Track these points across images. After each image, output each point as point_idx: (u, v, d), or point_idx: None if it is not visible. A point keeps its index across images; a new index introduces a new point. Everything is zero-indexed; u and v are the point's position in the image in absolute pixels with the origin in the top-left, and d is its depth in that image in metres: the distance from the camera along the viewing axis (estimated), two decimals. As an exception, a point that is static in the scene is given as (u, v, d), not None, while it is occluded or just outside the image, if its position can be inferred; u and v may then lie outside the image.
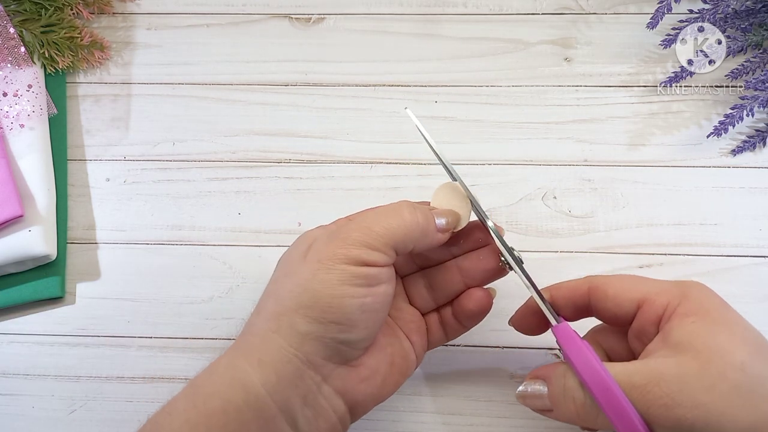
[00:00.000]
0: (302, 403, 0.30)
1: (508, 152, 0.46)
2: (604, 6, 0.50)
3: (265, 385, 0.29)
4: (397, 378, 0.34)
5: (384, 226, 0.31)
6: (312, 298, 0.30)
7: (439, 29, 0.50)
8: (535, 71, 0.48)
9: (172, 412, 0.29)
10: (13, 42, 0.46)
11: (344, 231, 0.31)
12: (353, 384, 0.31)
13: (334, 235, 0.31)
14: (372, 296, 0.30)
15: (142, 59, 0.50)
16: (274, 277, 0.33)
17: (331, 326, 0.30)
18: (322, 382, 0.30)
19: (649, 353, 0.30)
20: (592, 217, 0.44)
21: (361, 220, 0.32)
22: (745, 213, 0.44)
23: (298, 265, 0.31)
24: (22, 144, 0.45)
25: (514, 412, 0.40)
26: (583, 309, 0.33)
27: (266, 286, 0.33)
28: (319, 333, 0.30)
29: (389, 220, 0.31)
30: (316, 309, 0.29)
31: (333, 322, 0.30)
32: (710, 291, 0.31)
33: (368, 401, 0.32)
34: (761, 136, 0.45)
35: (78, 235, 0.45)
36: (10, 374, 0.42)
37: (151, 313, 0.43)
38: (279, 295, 0.31)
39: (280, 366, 0.29)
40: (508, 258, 0.33)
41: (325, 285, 0.30)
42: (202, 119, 0.48)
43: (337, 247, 0.30)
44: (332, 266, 0.30)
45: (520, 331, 0.36)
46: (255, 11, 0.51)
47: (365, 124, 0.48)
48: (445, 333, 0.37)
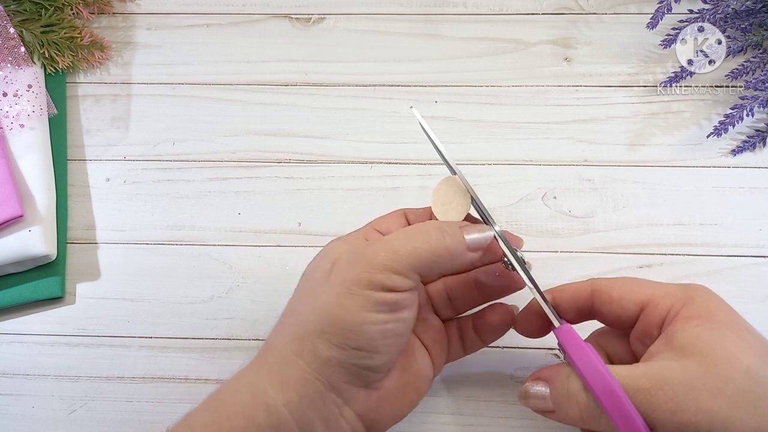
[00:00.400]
0: (324, 425, 0.30)
1: (508, 152, 0.46)
2: (604, 6, 0.50)
3: (287, 406, 0.29)
4: (415, 398, 0.34)
5: (409, 250, 0.30)
6: (334, 324, 0.29)
7: (439, 29, 0.50)
8: (535, 71, 0.48)
9: (194, 426, 0.29)
10: (13, 42, 0.46)
11: (369, 252, 0.30)
12: (373, 406, 0.31)
13: (358, 256, 0.30)
14: (394, 322, 0.30)
15: (142, 59, 0.50)
16: (298, 292, 0.32)
17: (353, 352, 0.29)
18: (343, 405, 0.30)
19: (652, 356, 0.30)
20: (592, 217, 0.44)
21: (387, 240, 0.31)
22: (745, 213, 0.44)
23: (321, 285, 0.31)
24: (22, 144, 0.45)
25: (514, 412, 0.40)
26: (585, 312, 0.33)
27: (290, 300, 0.33)
28: (341, 358, 0.29)
29: (415, 242, 0.30)
30: (338, 335, 0.29)
31: (355, 348, 0.29)
32: (714, 294, 0.31)
33: (387, 421, 0.32)
34: (761, 136, 0.45)
35: (78, 235, 0.45)
36: (10, 374, 0.42)
37: (151, 313, 0.43)
38: (301, 316, 0.30)
39: (302, 388, 0.29)
40: (511, 258, 0.33)
41: (348, 311, 0.29)
42: (202, 119, 0.48)
43: (361, 270, 0.29)
44: (355, 291, 0.29)
45: (522, 333, 0.36)
46: (255, 11, 0.51)
47: (365, 124, 0.48)
48: (463, 346, 0.36)
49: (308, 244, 0.44)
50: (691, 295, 0.30)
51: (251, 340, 0.42)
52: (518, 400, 0.33)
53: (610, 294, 0.32)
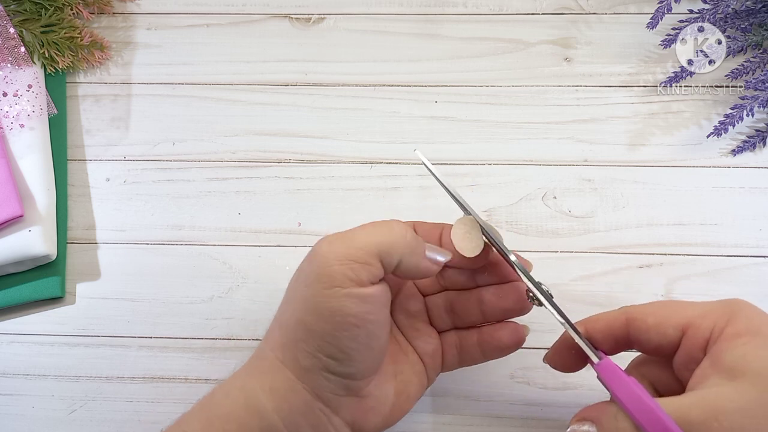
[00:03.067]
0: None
1: (508, 152, 0.46)
2: (604, 6, 0.50)
3: (278, 413, 0.29)
4: (405, 405, 0.33)
5: (363, 235, 0.30)
6: (305, 331, 0.29)
7: (439, 29, 0.50)
8: (535, 71, 0.48)
9: (187, 430, 0.29)
10: (13, 42, 0.46)
11: (324, 251, 0.29)
12: (361, 414, 0.31)
13: (314, 258, 0.30)
14: (365, 325, 0.29)
15: (142, 59, 0.50)
16: (284, 299, 0.32)
17: (328, 360, 0.29)
18: (331, 414, 0.30)
19: (699, 381, 0.28)
20: (592, 217, 0.44)
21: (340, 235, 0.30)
22: (745, 213, 0.44)
23: (297, 290, 0.30)
24: (22, 144, 0.45)
25: (514, 412, 0.40)
26: (622, 342, 0.31)
27: (280, 304, 0.32)
28: (318, 366, 0.29)
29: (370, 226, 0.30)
30: (311, 343, 0.29)
31: (328, 356, 0.29)
32: (756, 307, 0.29)
33: (378, 429, 0.32)
34: (761, 136, 0.45)
35: (78, 235, 0.45)
36: (10, 374, 0.42)
37: (151, 313, 0.43)
38: (283, 323, 0.30)
39: (290, 396, 0.29)
40: (537, 293, 0.32)
41: (316, 317, 0.29)
42: (202, 119, 0.48)
43: (319, 269, 0.29)
44: (319, 295, 0.29)
45: (557, 368, 0.34)
46: (255, 11, 0.51)
47: (365, 124, 0.48)
48: (461, 359, 0.36)
49: (308, 244, 0.44)
50: (733, 310, 0.28)
51: (251, 340, 0.42)
52: (517, 400, 0.33)
53: (645, 321, 0.30)
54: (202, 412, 0.30)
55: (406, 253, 0.30)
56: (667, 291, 0.42)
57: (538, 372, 0.40)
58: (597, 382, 0.31)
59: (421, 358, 0.35)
